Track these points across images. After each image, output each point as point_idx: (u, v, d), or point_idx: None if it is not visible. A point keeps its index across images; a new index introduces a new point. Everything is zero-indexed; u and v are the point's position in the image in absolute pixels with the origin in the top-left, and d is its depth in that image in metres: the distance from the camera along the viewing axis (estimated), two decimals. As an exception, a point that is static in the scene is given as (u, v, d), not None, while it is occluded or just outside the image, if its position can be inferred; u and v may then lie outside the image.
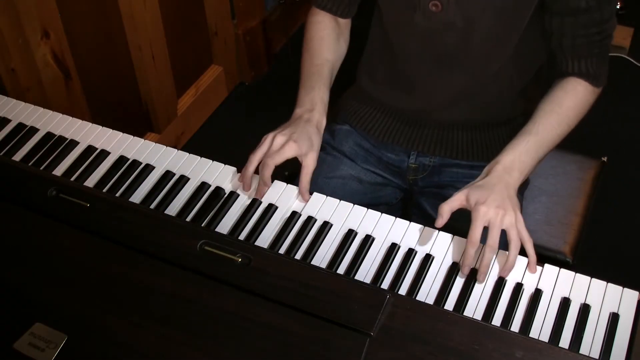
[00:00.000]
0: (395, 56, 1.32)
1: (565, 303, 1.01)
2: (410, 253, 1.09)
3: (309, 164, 1.18)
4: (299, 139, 1.18)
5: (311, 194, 1.18)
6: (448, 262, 1.07)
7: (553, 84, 1.23)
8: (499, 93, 1.30)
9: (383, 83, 1.38)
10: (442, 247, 1.10)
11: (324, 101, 1.27)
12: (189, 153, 1.26)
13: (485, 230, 1.06)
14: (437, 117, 1.35)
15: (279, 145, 1.17)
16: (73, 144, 1.28)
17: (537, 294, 1.03)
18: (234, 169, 1.22)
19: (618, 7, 2.82)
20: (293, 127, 1.20)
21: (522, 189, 1.41)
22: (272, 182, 1.19)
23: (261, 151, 1.18)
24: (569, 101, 1.20)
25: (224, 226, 1.14)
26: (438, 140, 1.37)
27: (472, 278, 1.05)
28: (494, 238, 1.05)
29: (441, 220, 1.09)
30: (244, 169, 1.18)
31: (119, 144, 1.28)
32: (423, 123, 1.37)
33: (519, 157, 1.15)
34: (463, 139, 1.35)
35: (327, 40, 1.34)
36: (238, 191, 1.19)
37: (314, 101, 1.25)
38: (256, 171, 1.18)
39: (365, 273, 1.07)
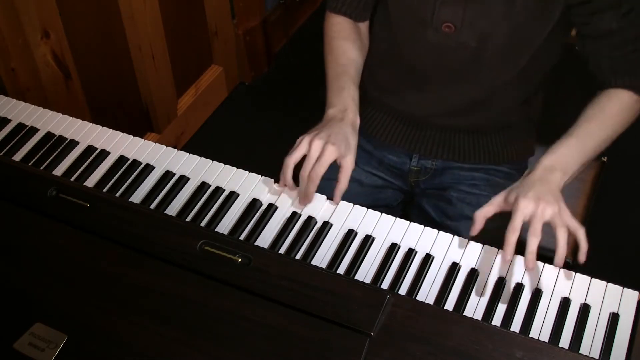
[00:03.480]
0: (403, 65, 1.31)
1: (565, 303, 1.01)
2: (410, 253, 1.09)
3: (347, 166, 1.14)
4: (337, 141, 1.13)
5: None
6: (448, 262, 1.07)
7: (598, 92, 1.21)
8: (503, 102, 1.30)
9: (387, 86, 1.38)
10: (442, 247, 1.10)
11: (356, 100, 1.24)
12: (189, 153, 1.26)
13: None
14: (440, 122, 1.35)
15: (317, 152, 1.12)
16: (73, 144, 1.28)
17: (537, 294, 1.03)
18: (234, 169, 1.22)
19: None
20: (328, 129, 1.16)
21: None
22: (275, 183, 1.19)
23: (298, 155, 1.14)
24: (613, 108, 1.18)
25: (224, 226, 1.14)
26: (440, 143, 1.36)
27: (472, 278, 1.05)
28: (535, 226, 1.02)
29: (475, 228, 1.07)
30: (283, 175, 1.14)
31: (119, 144, 1.28)
32: (425, 126, 1.37)
33: (561, 157, 1.12)
34: (465, 142, 1.35)
35: (349, 40, 1.33)
36: (238, 191, 1.19)
37: (346, 101, 1.22)
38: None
39: (365, 273, 1.07)
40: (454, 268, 1.06)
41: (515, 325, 1.00)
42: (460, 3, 1.15)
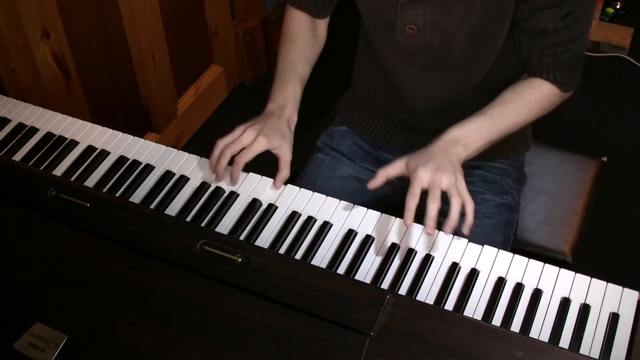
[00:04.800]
0: (381, 66, 1.33)
1: (565, 303, 1.01)
2: (410, 253, 1.09)
3: (284, 154, 1.19)
4: (268, 134, 1.18)
5: (311, 192, 1.18)
6: (448, 262, 1.07)
7: (522, 76, 1.24)
8: (486, 102, 1.30)
9: (375, 89, 1.40)
10: (442, 247, 1.10)
11: (296, 97, 1.27)
12: (189, 153, 1.26)
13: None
14: (428, 124, 1.36)
15: (249, 141, 1.17)
16: (73, 144, 1.28)
17: (537, 294, 1.03)
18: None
19: (618, 7, 2.82)
20: (264, 122, 1.21)
21: (519, 187, 1.41)
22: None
23: (229, 139, 1.19)
24: (531, 95, 1.21)
25: (224, 226, 1.14)
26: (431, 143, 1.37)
27: (472, 278, 1.05)
28: (434, 192, 1.05)
29: (374, 183, 1.12)
30: (212, 157, 1.18)
31: (119, 144, 1.28)
32: (416, 127, 1.38)
33: (467, 132, 1.16)
34: None
35: (302, 37, 1.35)
36: (238, 191, 1.19)
37: (286, 97, 1.26)
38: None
39: (365, 273, 1.07)
40: (454, 268, 1.06)
41: (515, 325, 1.00)
42: (420, 4, 1.16)
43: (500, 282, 1.04)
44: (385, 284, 1.05)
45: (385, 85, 1.36)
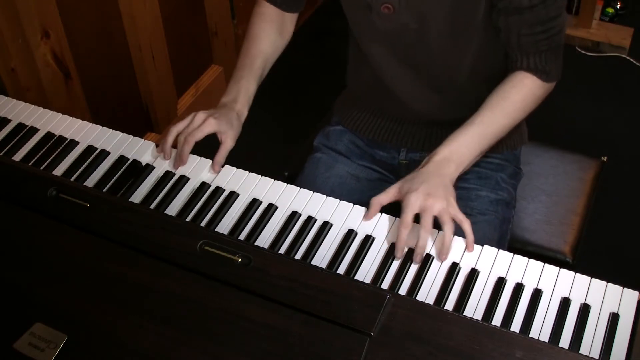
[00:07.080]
0: (366, 58, 1.33)
1: (565, 303, 1.01)
2: (410, 253, 1.09)
3: (226, 141, 1.23)
4: (219, 118, 1.23)
5: (311, 192, 1.18)
6: (448, 262, 1.08)
7: (508, 74, 1.23)
8: (476, 92, 1.30)
9: (366, 84, 1.41)
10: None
11: (249, 93, 1.32)
12: (189, 153, 1.26)
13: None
14: (420, 116, 1.36)
15: (199, 122, 1.22)
16: (73, 144, 1.28)
17: (537, 294, 1.03)
18: (234, 169, 1.23)
19: (618, 7, 2.82)
20: (215, 110, 1.26)
21: (514, 182, 1.41)
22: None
23: (182, 125, 1.24)
24: (515, 95, 1.20)
25: (224, 226, 1.14)
26: (426, 136, 1.38)
27: (472, 278, 1.05)
28: (426, 221, 1.06)
29: (369, 215, 1.12)
30: (163, 140, 1.24)
31: (119, 144, 1.28)
32: (409, 121, 1.39)
33: (458, 148, 1.15)
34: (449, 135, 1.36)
35: (266, 32, 1.37)
36: (238, 191, 1.19)
37: (239, 92, 1.30)
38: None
39: (365, 273, 1.07)
40: (454, 268, 1.06)
41: (515, 325, 1.00)
42: None
43: (500, 282, 1.04)
44: (385, 284, 1.05)
45: (374, 80, 1.36)
